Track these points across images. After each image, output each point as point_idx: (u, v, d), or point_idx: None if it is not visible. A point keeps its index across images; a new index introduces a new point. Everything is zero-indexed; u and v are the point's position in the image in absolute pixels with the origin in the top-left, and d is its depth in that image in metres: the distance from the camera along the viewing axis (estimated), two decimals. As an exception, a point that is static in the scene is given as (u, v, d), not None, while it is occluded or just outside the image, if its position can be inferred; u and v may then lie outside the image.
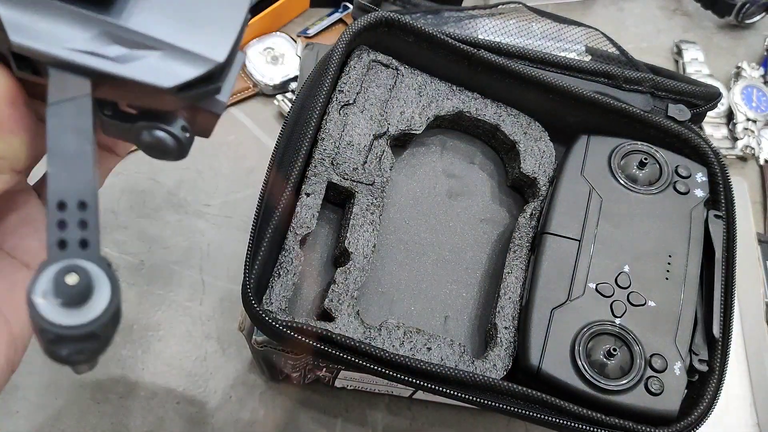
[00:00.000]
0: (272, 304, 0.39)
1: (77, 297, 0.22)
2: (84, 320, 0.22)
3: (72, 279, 0.22)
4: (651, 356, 0.40)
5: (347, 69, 0.46)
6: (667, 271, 0.43)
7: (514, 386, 0.39)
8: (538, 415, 0.38)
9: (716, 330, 0.42)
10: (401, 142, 0.47)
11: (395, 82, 0.47)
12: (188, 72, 0.25)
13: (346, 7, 0.72)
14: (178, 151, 0.27)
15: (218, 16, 0.26)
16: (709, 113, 0.52)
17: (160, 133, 0.26)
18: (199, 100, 0.26)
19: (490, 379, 0.38)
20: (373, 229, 0.43)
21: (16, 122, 0.26)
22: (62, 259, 0.22)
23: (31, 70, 0.25)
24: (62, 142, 0.23)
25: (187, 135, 0.27)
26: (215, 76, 0.26)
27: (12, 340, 0.30)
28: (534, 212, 0.46)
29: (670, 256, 0.43)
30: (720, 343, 0.42)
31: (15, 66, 0.25)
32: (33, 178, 0.32)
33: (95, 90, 0.25)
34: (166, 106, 0.26)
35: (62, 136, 0.23)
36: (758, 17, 0.78)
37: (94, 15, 0.24)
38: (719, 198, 0.46)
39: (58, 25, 0.24)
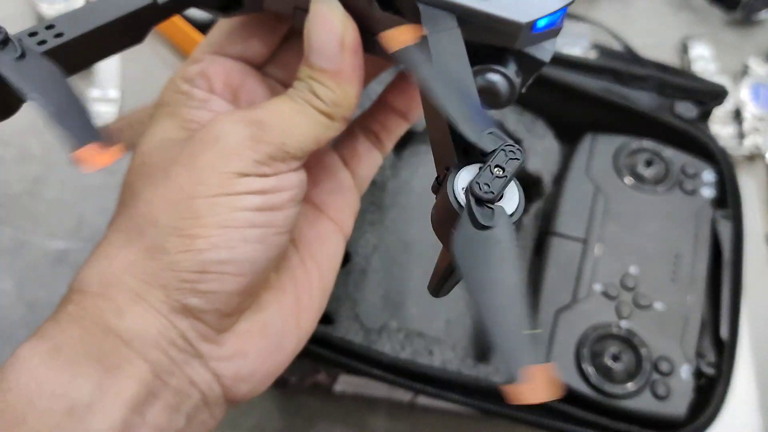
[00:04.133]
0: (270, 306, 0.38)
1: None
2: None
3: None
4: (657, 359, 0.40)
5: (347, 66, 0.45)
6: (674, 272, 0.43)
7: (518, 390, 0.38)
8: (543, 421, 0.38)
9: (724, 332, 0.41)
10: (402, 140, 0.47)
11: (396, 80, 0.46)
12: (543, 8, 0.26)
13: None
14: (509, 95, 0.27)
15: None
16: (716, 111, 0.51)
17: (495, 76, 0.27)
18: (537, 42, 0.27)
19: (494, 384, 0.38)
20: (374, 230, 0.42)
21: (354, 71, 0.27)
22: None
23: (394, 11, 0.26)
24: (448, 66, 0.24)
25: (519, 80, 0.27)
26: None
27: (322, 286, 0.31)
28: (538, 212, 0.46)
29: (676, 257, 0.43)
30: (728, 346, 0.41)
31: (379, 7, 0.26)
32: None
33: None
34: (513, 45, 0.26)
35: (447, 61, 0.24)
36: (764, 12, 0.77)
37: None
38: (726, 197, 0.45)
39: None
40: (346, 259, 0.41)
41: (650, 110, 0.47)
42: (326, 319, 0.39)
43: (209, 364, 0.27)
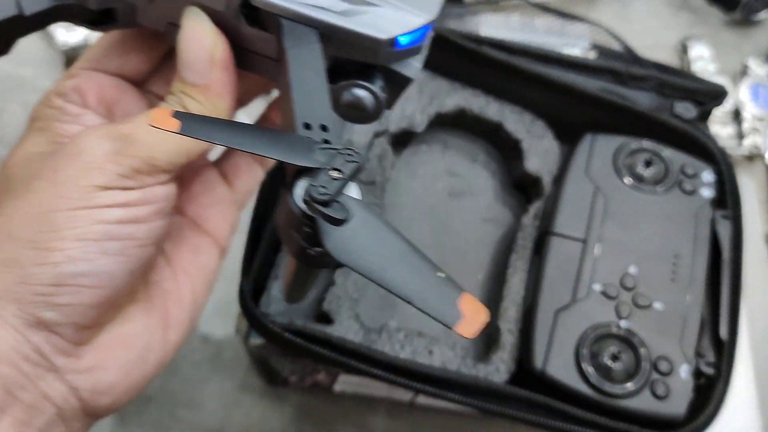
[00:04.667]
0: (270, 306, 0.38)
1: None
2: None
3: None
4: (657, 359, 0.40)
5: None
6: (673, 272, 0.42)
7: (518, 390, 0.38)
8: (543, 420, 0.38)
9: (723, 332, 0.41)
10: (402, 140, 0.47)
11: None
12: (404, 26, 0.27)
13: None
14: (375, 109, 0.28)
15: None
16: (715, 111, 0.51)
17: (361, 92, 0.28)
18: (402, 58, 0.28)
19: (494, 383, 0.38)
20: (373, 230, 0.42)
21: (224, 86, 0.28)
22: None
23: (260, 26, 0.27)
24: (302, 77, 0.25)
25: (385, 96, 0.28)
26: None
27: (193, 299, 0.32)
28: (538, 212, 0.45)
29: (676, 257, 0.43)
30: (727, 346, 0.41)
31: (246, 23, 0.27)
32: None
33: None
34: (376, 60, 0.28)
35: (302, 73, 0.25)
36: (764, 13, 0.77)
37: None
38: (726, 198, 0.45)
39: None
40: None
41: (650, 110, 0.47)
42: (326, 319, 0.39)
43: (65, 377, 0.27)
